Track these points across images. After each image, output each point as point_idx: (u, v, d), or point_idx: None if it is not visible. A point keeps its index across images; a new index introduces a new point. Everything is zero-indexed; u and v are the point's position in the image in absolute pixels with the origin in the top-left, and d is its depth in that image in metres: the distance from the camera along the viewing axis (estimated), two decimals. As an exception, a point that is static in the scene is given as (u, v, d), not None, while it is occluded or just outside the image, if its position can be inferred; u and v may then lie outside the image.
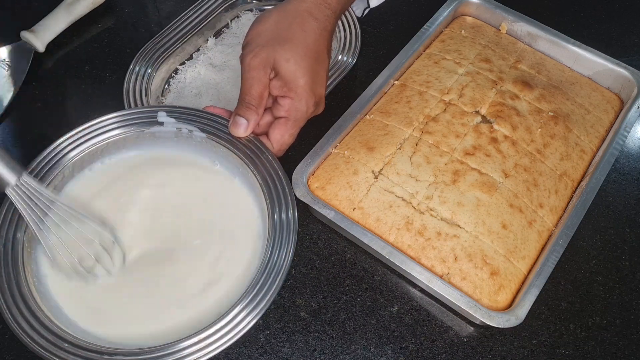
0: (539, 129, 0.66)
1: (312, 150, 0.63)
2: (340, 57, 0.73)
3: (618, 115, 0.70)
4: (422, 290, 0.61)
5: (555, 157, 0.65)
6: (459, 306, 0.55)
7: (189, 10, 0.76)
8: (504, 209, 0.61)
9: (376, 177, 0.62)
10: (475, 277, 0.57)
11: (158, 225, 0.59)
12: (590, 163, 0.66)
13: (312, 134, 0.70)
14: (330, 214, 0.59)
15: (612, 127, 0.69)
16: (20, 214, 0.54)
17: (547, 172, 0.64)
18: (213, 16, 0.77)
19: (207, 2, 0.77)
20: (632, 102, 0.69)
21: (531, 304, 0.55)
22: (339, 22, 0.76)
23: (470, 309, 0.55)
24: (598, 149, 0.67)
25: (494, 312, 0.55)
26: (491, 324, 0.54)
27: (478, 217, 0.60)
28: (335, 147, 0.65)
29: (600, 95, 0.72)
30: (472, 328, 0.59)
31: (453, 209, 0.60)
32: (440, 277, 0.57)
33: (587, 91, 0.71)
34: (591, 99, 0.71)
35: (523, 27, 0.75)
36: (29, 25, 0.74)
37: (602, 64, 0.72)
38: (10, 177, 0.52)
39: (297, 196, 0.59)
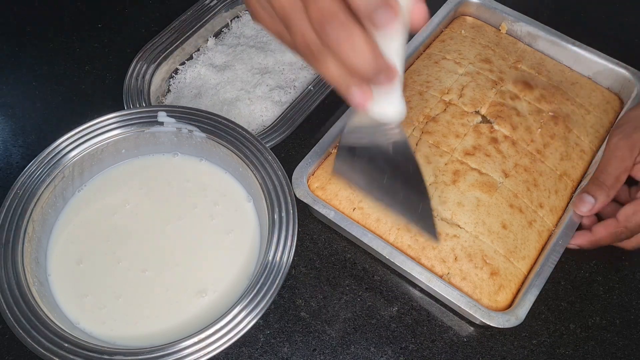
0: (539, 129, 0.66)
1: (312, 150, 0.63)
2: (340, 57, 0.73)
3: (618, 116, 0.70)
4: (422, 290, 0.61)
5: (555, 157, 0.65)
6: (458, 306, 0.55)
7: (189, 10, 0.76)
8: (504, 209, 0.61)
9: (376, 177, 0.62)
10: (475, 277, 0.57)
11: (157, 226, 0.59)
12: (590, 163, 0.66)
13: (312, 134, 0.70)
14: (330, 214, 0.59)
15: (612, 127, 0.69)
16: (19, 214, 0.54)
17: (547, 172, 0.64)
18: (213, 16, 0.77)
19: (207, 2, 0.77)
20: (632, 102, 0.69)
21: (531, 304, 0.55)
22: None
23: (470, 309, 0.55)
24: (598, 149, 0.67)
25: (494, 312, 0.55)
26: (491, 324, 0.54)
27: (478, 217, 0.60)
28: (335, 147, 0.65)
29: (600, 96, 0.72)
30: (472, 328, 0.59)
31: (453, 209, 0.60)
32: (440, 277, 0.57)
33: (587, 91, 0.71)
34: (591, 99, 0.71)
35: (523, 27, 0.75)
36: None
37: (602, 64, 0.72)
38: None
39: (297, 196, 0.59)
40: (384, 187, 0.55)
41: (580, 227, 0.60)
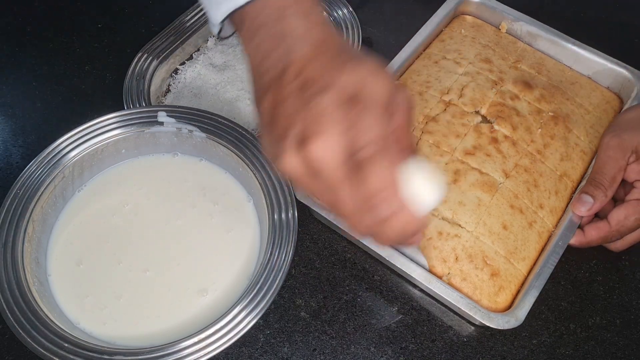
0: (539, 129, 0.66)
1: (312, 150, 0.63)
2: (340, 57, 0.73)
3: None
4: (422, 290, 0.61)
5: (555, 158, 0.65)
6: (458, 307, 0.55)
7: (189, 10, 0.76)
8: (504, 209, 0.61)
9: (376, 177, 0.62)
10: (476, 278, 0.57)
11: (157, 226, 0.59)
12: (590, 163, 0.66)
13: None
14: (330, 215, 0.59)
15: (612, 127, 0.69)
16: (19, 214, 0.54)
17: (548, 173, 0.64)
18: (213, 16, 0.77)
19: (207, 2, 0.77)
20: (632, 102, 0.69)
21: (530, 306, 0.55)
22: (339, 23, 0.76)
23: (469, 311, 0.55)
24: (597, 150, 0.67)
25: (494, 313, 0.55)
26: (491, 325, 0.54)
27: (479, 217, 0.60)
28: (335, 147, 0.65)
29: (600, 95, 0.72)
30: (472, 328, 0.59)
31: (454, 209, 0.60)
32: (441, 277, 0.57)
33: (587, 91, 0.71)
34: (591, 99, 0.71)
35: (523, 27, 0.75)
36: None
37: (602, 64, 0.72)
38: None
39: (297, 197, 0.59)
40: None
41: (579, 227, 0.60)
